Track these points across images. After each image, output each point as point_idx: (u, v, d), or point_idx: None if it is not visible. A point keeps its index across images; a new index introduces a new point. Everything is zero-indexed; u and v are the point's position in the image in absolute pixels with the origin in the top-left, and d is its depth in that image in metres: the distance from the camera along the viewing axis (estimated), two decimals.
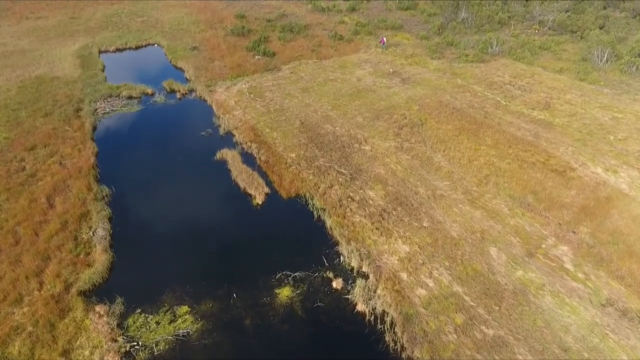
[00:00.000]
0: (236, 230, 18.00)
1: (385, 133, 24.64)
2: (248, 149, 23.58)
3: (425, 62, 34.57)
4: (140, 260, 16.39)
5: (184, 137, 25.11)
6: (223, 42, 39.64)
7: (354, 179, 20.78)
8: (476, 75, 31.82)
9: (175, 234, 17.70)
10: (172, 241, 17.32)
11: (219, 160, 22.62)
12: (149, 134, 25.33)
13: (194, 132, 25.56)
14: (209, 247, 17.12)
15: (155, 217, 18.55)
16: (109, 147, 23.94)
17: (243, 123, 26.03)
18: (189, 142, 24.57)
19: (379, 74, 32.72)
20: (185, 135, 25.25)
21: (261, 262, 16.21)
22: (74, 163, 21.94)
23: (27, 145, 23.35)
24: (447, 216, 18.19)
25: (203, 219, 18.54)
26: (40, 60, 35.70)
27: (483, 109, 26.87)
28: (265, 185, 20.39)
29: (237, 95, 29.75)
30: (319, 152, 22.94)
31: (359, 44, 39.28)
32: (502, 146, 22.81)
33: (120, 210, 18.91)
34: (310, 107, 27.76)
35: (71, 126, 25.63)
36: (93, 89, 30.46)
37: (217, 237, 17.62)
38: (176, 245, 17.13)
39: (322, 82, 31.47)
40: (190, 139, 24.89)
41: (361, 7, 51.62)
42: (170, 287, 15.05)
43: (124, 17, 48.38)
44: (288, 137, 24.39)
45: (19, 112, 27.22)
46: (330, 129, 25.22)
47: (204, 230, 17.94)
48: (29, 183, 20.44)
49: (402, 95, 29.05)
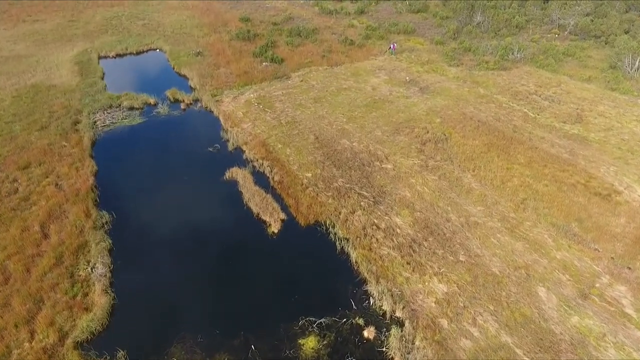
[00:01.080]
0: (251, 265, 16.17)
1: (408, 149, 22.82)
2: (260, 168, 21.77)
3: (443, 69, 32.75)
4: (144, 302, 14.57)
5: (189, 153, 23.29)
6: (228, 47, 37.83)
7: (377, 203, 18.97)
8: (499, 84, 30.01)
9: (183, 270, 15.88)
10: (181, 279, 15.50)
11: (228, 181, 20.81)
12: (151, 150, 23.50)
13: (200, 147, 23.74)
14: (223, 286, 15.30)
15: (160, 250, 16.72)
16: (109, 165, 22.11)
17: (253, 137, 24.20)
18: (196, 158, 22.75)
19: (395, 82, 30.90)
20: (191, 151, 23.42)
21: (281, 304, 14.41)
22: (71, 184, 20.13)
23: (20, 164, 21.52)
24: (485, 248, 16.38)
25: (214, 252, 16.71)
26: (37, 67, 33.88)
27: (511, 122, 25.06)
28: (280, 210, 18.57)
29: (246, 106, 27.93)
30: (337, 172, 21.12)
31: (371, 50, 37.47)
32: (536, 165, 21.00)
33: (121, 240, 17.09)
34: (324, 120, 25.94)
35: (68, 141, 23.80)
36: (92, 98, 28.64)
37: (230, 273, 15.80)
38: (185, 283, 15.31)
39: (335, 92, 29.65)
40: (196, 155, 23.06)
41: (370, 10, 49.85)
42: (179, 337, 13.24)
43: (124, 20, 46.56)
44: (302, 154, 22.57)
45: (12, 125, 25.39)
46: (347, 144, 23.40)
47: (216, 266, 16.12)
48: (22, 208, 18.62)
49: (422, 106, 27.23)
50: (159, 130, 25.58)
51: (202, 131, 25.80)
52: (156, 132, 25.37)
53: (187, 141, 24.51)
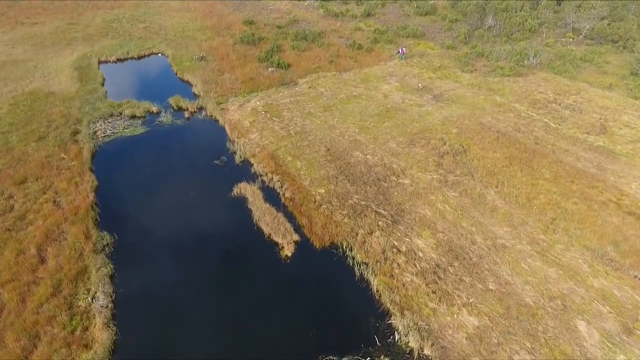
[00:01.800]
0: (264, 293, 15.00)
1: (425, 162, 21.66)
2: (269, 182, 20.60)
3: (456, 75, 31.58)
4: (149, 337, 13.42)
5: (195, 166, 22.12)
6: (232, 52, 36.65)
7: (396, 223, 17.81)
8: (515, 91, 28.84)
9: (190, 299, 14.71)
10: (188, 309, 14.34)
11: (237, 197, 19.64)
12: (154, 163, 22.32)
13: (206, 159, 22.57)
14: (233, 317, 14.14)
15: (165, 276, 15.56)
16: (110, 179, 20.94)
17: (261, 149, 23.03)
18: (202, 172, 21.58)
19: (407, 89, 29.73)
20: (196, 164, 22.25)
21: (297, 339, 13.25)
22: (70, 201, 18.96)
23: (16, 178, 20.36)
24: (516, 275, 15.22)
25: (223, 278, 15.54)
26: (35, 73, 32.69)
27: (531, 133, 23.89)
28: (293, 231, 17.41)
29: (252, 114, 26.76)
30: (352, 187, 19.96)
31: (380, 54, 36.30)
32: (563, 181, 19.84)
33: (123, 265, 15.93)
34: (335, 130, 24.77)
35: (67, 153, 22.63)
36: (92, 106, 27.46)
37: (241, 303, 14.62)
38: (192, 315, 14.15)
39: (345, 99, 28.48)
40: (202, 168, 21.90)
41: (376, 12, 48.67)
42: None
43: (125, 22, 45.37)
44: (314, 168, 21.41)
45: (9, 135, 24.22)
46: (360, 157, 22.24)
47: (225, 294, 14.95)
48: (18, 228, 17.45)
49: (437, 116, 26.06)
50: (162, 141, 24.40)
51: (208, 142, 24.63)
52: (159, 143, 24.20)
53: (192, 153, 23.33)
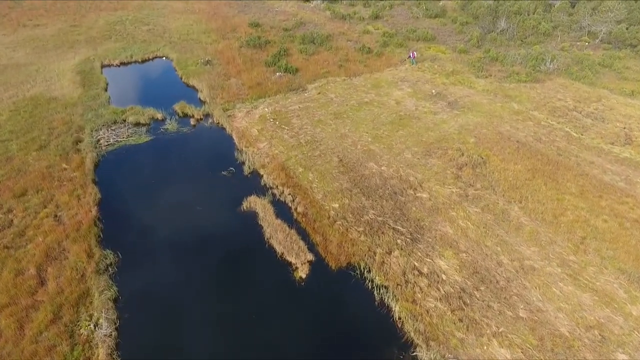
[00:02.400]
0: (277, 320, 14.03)
1: (443, 175, 20.67)
2: (280, 196, 19.65)
3: (471, 81, 30.58)
4: None
5: (202, 177, 21.18)
6: (238, 55, 35.74)
7: (416, 241, 16.82)
8: (533, 98, 27.81)
9: (200, 324, 13.76)
10: (198, 336, 13.39)
11: (246, 212, 18.69)
12: (160, 174, 21.39)
13: (213, 170, 21.63)
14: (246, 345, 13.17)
15: (173, 299, 14.62)
16: (113, 192, 20.02)
17: (271, 159, 22.08)
18: (209, 184, 20.64)
19: (420, 95, 28.74)
20: (203, 175, 21.31)
21: None
22: (72, 216, 18.05)
23: (16, 191, 19.46)
24: (548, 301, 14.21)
25: (236, 302, 14.57)
26: (37, 77, 31.85)
27: (553, 143, 22.87)
28: (307, 250, 16.44)
29: (260, 122, 25.82)
30: (367, 202, 18.99)
31: (390, 58, 35.32)
32: (590, 196, 18.82)
33: (128, 287, 14.99)
34: (347, 139, 23.80)
35: (69, 163, 21.74)
36: (95, 113, 26.58)
37: (254, 330, 13.66)
38: (203, 343, 13.19)
39: (356, 106, 27.51)
40: (210, 180, 20.95)
41: (385, 15, 47.71)
42: None
43: (128, 25, 44.53)
44: (326, 180, 20.44)
45: (9, 144, 23.34)
46: (375, 168, 21.26)
47: (237, 321, 13.99)
48: (17, 245, 16.54)
49: (453, 124, 25.06)
50: (167, 150, 23.48)
51: (215, 151, 23.70)
52: (164, 152, 23.28)
53: (199, 163, 22.40)
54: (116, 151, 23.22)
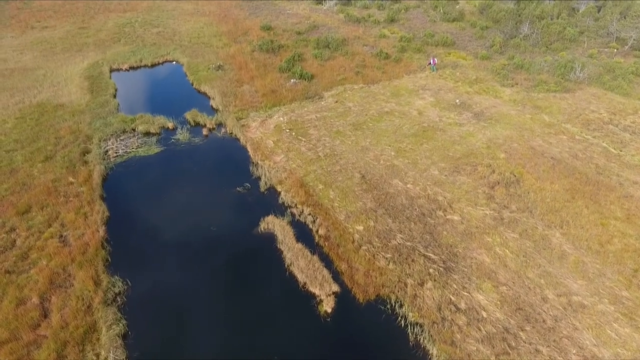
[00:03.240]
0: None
1: (474, 194, 19.23)
2: (300, 216, 18.33)
3: (496, 90, 29.06)
4: None
5: (215, 194, 19.92)
6: (251, 61, 34.52)
7: (449, 271, 15.42)
8: (564, 109, 26.25)
9: None
10: None
11: (264, 234, 17.40)
12: (171, 189, 20.17)
13: (227, 185, 20.37)
14: None
15: (187, 334, 13.34)
16: (122, 209, 18.82)
17: (288, 174, 20.78)
18: (223, 202, 19.38)
19: (443, 105, 27.29)
20: (217, 192, 20.05)
21: None
22: (78, 236, 16.87)
23: (20, 207, 18.34)
24: (603, 345, 12.75)
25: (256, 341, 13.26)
26: (44, 82, 30.87)
27: (591, 160, 21.33)
28: (332, 279, 15.10)
29: (276, 132, 24.54)
30: (394, 224, 17.61)
31: (409, 64, 33.88)
32: (638, 221, 17.28)
33: (138, 320, 13.76)
34: (368, 153, 22.43)
35: (76, 176, 20.61)
36: (103, 122, 25.46)
37: None
38: None
39: (376, 116, 26.12)
40: (224, 197, 19.69)
41: (400, 18, 46.21)
42: None
43: (137, 27, 43.52)
44: (349, 198, 19.10)
45: (14, 154, 22.28)
46: (400, 186, 19.88)
47: None
48: (19, 270, 15.39)
49: (480, 137, 23.59)
50: (178, 162, 22.25)
51: (229, 165, 22.45)
52: (175, 165, 22.05)
53: (212, 178, 21.16)
54: (125, 163, 22.04)
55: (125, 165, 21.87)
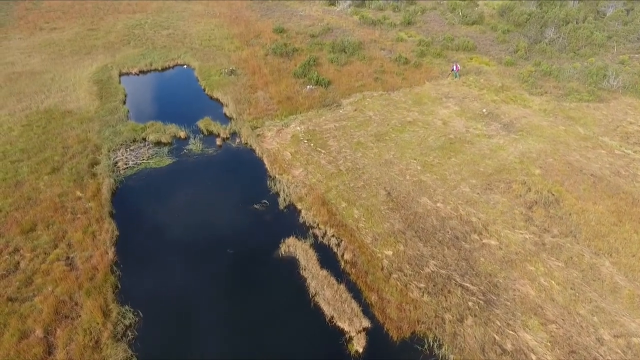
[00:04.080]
0: None
1: (510, 215, 17.79)
2: (323, 238, 17.01)
3: (524, 98, 27.53)
4: None
5: (231, 211, 18.67)
6: (264, 65, 33.27)
7: (491, 304, 14.02)
8: (600, 121, 24.68)
9: None
10: None
11: (285, 258, 16.11)
12: (184, 205, 18.96)
13: (244, 201, 19.11)
14: None
15: None
16: (133, 227, 17.62)
17: (309, 190, 19.47)
18: (240, 220, 18.11)
19: (470, 115, 25.82)
20: (233, 209, 18.80)
21: None
22: (86, 259, 15.70)
23: (24, 225, 17.21)
24: None
25: None
26: (52, 86, 29.85)
27: (635, 178, 19.79)
28: (361, 313, 13.78)
29: (293, 143, 23.25)
30: (425, 248, 16.23)
31: (430, 70, 32.43)
32: None
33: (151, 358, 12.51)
34: (393, 167, 21.05)
35: (84, 190, 19.47)
36: (113, 130, 24.33)
37: None
38: None
39: (399, 127, 24.72)
40: (240, 215, 18.43)
41: (417, 20, 44.73)
42: None
43: (147, 28, 42.47)
44: (375, 218, 17.75)
45: (19, 165, 21.20)
46: (429, 205, 18.48)
47: None
48: (22, 297, 14.24)
49: (512, 151, 22.12)
50: (191, 175, 21.03)
51: (244, 178, 21.18)
52: (188, 178, 20.84)
53: (228, 193, 19.91)
54: (135, 176, 20.87)
55: (135, 178, 20.71)
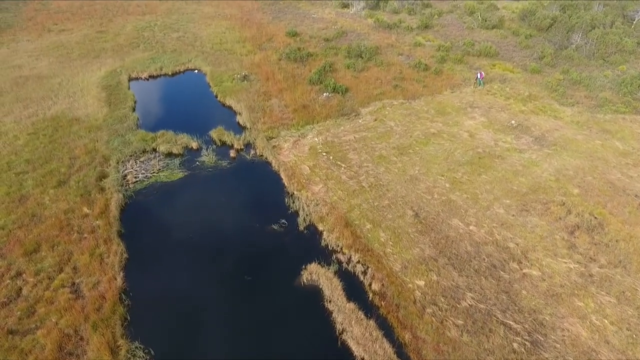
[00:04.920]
0: None
1: (551, 241, 16.35)
2: (347, 264, 15.69)
3: (554, 109, 26.00)
4: None
5: (248, 231, 17.41)
6: (278, 70, 32.01)
7: (538, 346, 12.62)
8: (638, 134, 23.10)
9: None
10: None
11: (308, 287, 14.81)
12: (197, 224, 17.73)
13: (261, 221, 17.84)
14: None
15: None
16: (142, 249, 16.42)
17: (330, 209, 18.16)
18: (257, 242, 16.85)
19: (497, 126, 24.36)
20: (250, 229, 17.53)
21: None
22: (93, 285, 14.54)
23: (28, 245, 16.09)
24: None
25: None
26: (59, 92, 28.83)
27: None
28: (395, 355, 12.43)
29: (311, 156, 21.97)
30: (460, 278, 14.86)
31: (451, 77, 30.98)
32: None
33: None
34: (419, 184, 19.68)
35: (91, 206, 18.33)
36: (122, 140, 23.19)
37: None
38: None
39: (423, 139, 23.33)
40: (257, 236, 17.16)
41: (434, 24, 43.23)
42: None
43: (157, 31, 41.41)
44: (402, 242, 16.40)
45: (24, 177, 20.12)
46: (461, 227, 17.09)
47: None
48: (24, 330, 13.09)
49: (546, 167, 20.65)
50: (204, 191, 19.82)
51: (261, 194, 19.93)
52: (201, 194, 19.63)
53: (243, 211, 18.67)
54: (145, 191, 19.70)
55: (145, 194, 19.53)
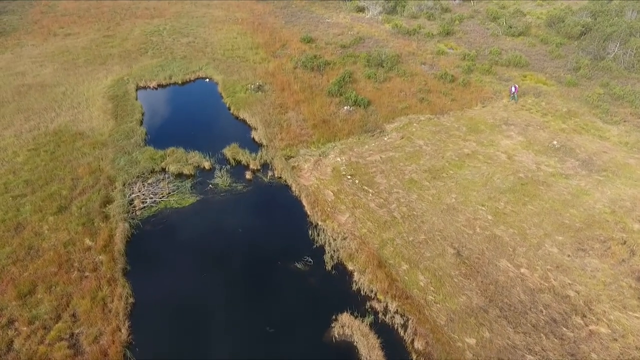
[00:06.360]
0: None
1: (616, 288, 14.23)
2: (384, 314, 13.69)
3: (597, 127, 23.82)
4: None
5: (269, 271, 15.47)
6: (294, 80, 30.10)
7: None
8: None
9: None
10: None
11: (340, 343, 12.84)
12: (212, 261, 15.82)
13: (282, 257, 15.89)
14: None
15: None
16: (150, 291, 14.51)
17: (359, 245, 16.17)
18: (280, 284, 14.90)
19: (538, 147, 22.22)
20: (270, 267, 15.59)
21: None
22: (94, 338, 12.68)
23: (22, 286, 14.29)
24: None
25: None
26: (63, 102, 27.14)
27: None
28: None
29: (334, 179, 20.00)
30: (517, 336, 12.79)
31: (481, 89, 28.85)
32: None
33: None
34: (457, 215, 17.62)
35: (94, 238, 16.50)
36: (129, 158, 21.37)
37: None
38: None
39: (456, 160, 21.28)
40: (280, 276, 15.21)
41: (456, 30, 41.06)
42: None
43: (165, 36, 39.69)
44: (446, 288, 14.36)
45: (21, 202, 18.37)
46: (511, 270, 15.02)
47: None
48: None
49: (599, 197, 18.50)
50: (219, 220, 17.90)
51: (281, 225, 17.95)
52: (215, 224, 17.71)
53: (263, 245, 16.72)
54: (154, 219, 17.82)
55: (153, 222, 17.65)
